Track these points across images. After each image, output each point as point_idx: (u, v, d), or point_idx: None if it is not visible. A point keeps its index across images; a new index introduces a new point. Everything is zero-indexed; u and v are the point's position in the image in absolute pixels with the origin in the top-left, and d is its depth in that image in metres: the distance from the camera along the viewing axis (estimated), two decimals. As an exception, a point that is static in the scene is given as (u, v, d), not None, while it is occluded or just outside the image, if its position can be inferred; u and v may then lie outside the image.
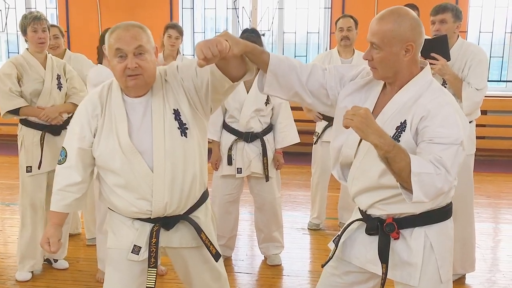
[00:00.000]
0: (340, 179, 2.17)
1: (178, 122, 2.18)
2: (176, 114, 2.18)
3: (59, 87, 3.63)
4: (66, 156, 2.23)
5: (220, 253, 2.37)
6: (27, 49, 3.63)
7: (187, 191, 2.22)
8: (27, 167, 3.60)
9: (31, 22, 3.49)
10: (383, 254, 2.01)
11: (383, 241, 2.01)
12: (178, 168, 2.17)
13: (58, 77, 3.63)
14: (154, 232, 2.23)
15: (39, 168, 3.58)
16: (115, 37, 2.11)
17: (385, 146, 1.78)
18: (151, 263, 2.23)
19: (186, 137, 2.18)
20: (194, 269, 2.37)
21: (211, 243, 2.31)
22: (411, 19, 1.94)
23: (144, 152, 2.15)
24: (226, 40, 1.89)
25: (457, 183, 2.01)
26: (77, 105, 3.61)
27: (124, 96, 2.21)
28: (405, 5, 4.33)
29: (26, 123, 3.63)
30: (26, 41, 3.61)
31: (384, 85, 2.06)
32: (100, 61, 3.58)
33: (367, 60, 2.00)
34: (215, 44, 1.83)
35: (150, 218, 2.23)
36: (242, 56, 2.02)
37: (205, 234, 2.30)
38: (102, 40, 3.31)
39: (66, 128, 3.68)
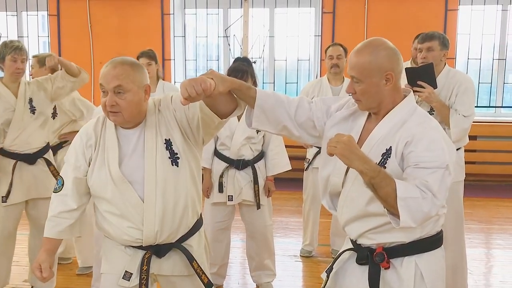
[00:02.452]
0: (330, 209, 2.17)
1: (169, 152, 2.19)
2: (168, 143, 2.20)
3: (32, 110, 3.54)
4: (62, 185, 2.25)
5: (212, 282, 2.35)
6: (1, 78, 3.56)
7: (178, 221, 2.22)
8: (2, 197, 3.52)
9: (11, 52, 3.45)
10: (374, 284, 2.00)
11: (373, 271, 2.01)
12: (169, 197, 2.18)
13: (30, 101, 3.54)
14: (145, 260, 2.23)
15: (6, 197, 3.49)
16: (103, 71, 2.15)
17: (370, 172, 1.80)
18: None
19: (178, 166, 2.20)
20: (184, 298, 2.35)
21: (203, 272, 2.30)
22: (387, 48, 1.97)
23: (135, 181, 2.17)
24: (212, 78, 1.91)
25: (446, 210, 2.03)
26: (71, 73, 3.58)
27: (118, 127, 2.24)
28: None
29: (1, 152, 3.54)
30: (1, 68, 3.54)
31: (369, 113, 2.08)
32: None
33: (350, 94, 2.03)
34: (199, 83, 1.85)
35: (141, 246, 2.23)
36: (230, 93, 2.04)
37: (197, 262, 2.29)
38: None
39: (42, 157, 3.61)
